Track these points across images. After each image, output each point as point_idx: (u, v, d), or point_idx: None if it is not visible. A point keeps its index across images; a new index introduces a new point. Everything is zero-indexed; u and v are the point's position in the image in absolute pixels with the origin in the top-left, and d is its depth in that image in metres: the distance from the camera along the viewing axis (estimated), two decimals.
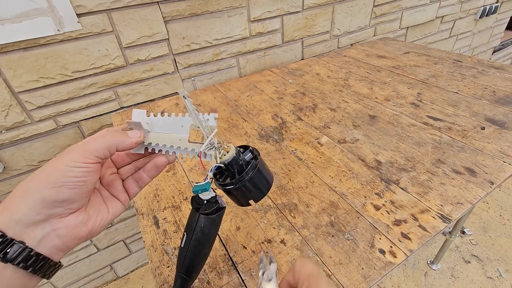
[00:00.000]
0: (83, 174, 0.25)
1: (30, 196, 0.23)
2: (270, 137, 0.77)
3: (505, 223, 1.42)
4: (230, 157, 0.31)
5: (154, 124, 0.32)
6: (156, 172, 0.33)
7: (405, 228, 0.49)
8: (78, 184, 0.25)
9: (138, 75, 0.95)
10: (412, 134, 0.73)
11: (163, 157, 0.32)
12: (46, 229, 0.24)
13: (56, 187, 0.24)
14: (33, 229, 0.23)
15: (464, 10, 1.81)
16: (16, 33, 0.71)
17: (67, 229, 0.25)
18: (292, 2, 1.13)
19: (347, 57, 1.26)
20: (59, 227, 0.25)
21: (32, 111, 0.83)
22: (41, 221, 0.24)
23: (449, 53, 1.21)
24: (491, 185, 0.56)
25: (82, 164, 0.25)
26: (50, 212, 0.24)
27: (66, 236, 0.25)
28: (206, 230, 0.34)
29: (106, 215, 0.29)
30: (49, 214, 0.24)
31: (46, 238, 0.24)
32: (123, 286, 1.32)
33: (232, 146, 0.32)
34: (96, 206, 0.28)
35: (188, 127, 0.31)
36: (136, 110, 0.31)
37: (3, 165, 0.85)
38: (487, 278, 1.21)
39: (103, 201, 0.30)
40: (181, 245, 0.35)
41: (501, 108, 0.80)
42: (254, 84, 1.07)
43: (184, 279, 0.36)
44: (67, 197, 0.24)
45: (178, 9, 0.91)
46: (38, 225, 0.24)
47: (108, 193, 0.31)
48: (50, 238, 0.24)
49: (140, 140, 0.30)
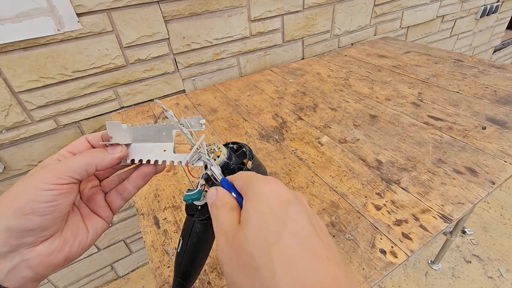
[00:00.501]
0: (54, 198, 0.22)
1: None
2: (271, 137, 0.77)
3: (506, 223, 1.42)
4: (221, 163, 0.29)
5: (134, 134, 0.28)
6: (142, 182, 0.30)
7: (406, 228, 0.49)
8: (49, 209, 0.22)
9: (138, 75, 0.95)
10: (413, 133, 0.73)
11: (150, 166, 0.29)
12: (15, 261, 0.21)
13: (24, 214, 0.21)
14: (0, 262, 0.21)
15: (465, 10, 1.81)
16: (16, 33, 0.71)
17: (39, 258, 0.22)
18: (292, 1, 1.13)
19: (348, 57, 1.26)
20: (29, 257, 0.22)
21: (32, 111, 0.83)
22: (7, 253, 0.21)
23: (450, 52, 1.20)
24: (492, 185, 0.56)
25: (54, 186, 0.22)
26: (19, 242, 0.21)
27: (39, 266, 0.22)
28: (201, 236, 0.32)
29: (86, 236, 0.25)
30: (18, 245, 0.21)
31: (15, 270, 0.21)
32: (124, 286, 1.32)
33: (223, 149, 0.30)
34: (73, 228, 0.25)
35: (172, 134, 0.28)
36: (111, 122, 0.27)
37: (3, 165, 0.85)
38: (488, 278, 1.21)
39: (82, 220, 0.26)
40: (177, 250, 0.35)
41: (502, 108, 0.79)
42: (254, 84, 1.07)
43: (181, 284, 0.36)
44: (38, 224, 0.21)
45: (178, 8, 0.91)
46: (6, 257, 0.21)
47: (88, 210, 0.27)
48: (19, 270, 0.21)
49: (122, 155, 0.27)
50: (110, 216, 0.29)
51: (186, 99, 1.01)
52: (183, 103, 0.98)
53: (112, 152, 0.26)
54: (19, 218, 0.21)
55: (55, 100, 0.85)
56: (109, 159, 0.25)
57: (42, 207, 0.21)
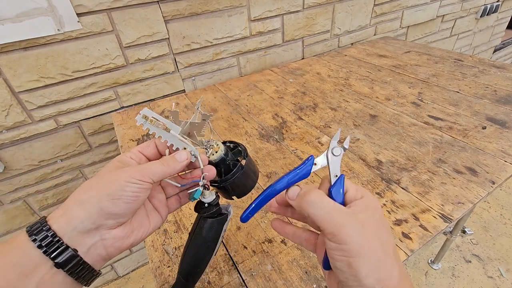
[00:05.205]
0: (138, 190, 0.26)
1: (89, 205, 0.24)
2: (271, 137, 0.77)
3: (506, 223, 1.42)
4: (218, 158, 0.33)
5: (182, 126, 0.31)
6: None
7: (406, 227, 0.49)
8: (132, 199, 0.26)
9: (138, 75, 0.95)
10: (413, 133, 0.73)
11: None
12: (95, 238, 0.25)
13: (114, 199, 0.25)
14: (85, 237, 0.24)
15: (465, 9, 1.81)
16: (16, 32, 0.71)
17: (113, 240, 0.26)
18: (292, 1, 1.13)
19: (348, 57, 1.26)
20: (107, 237, 0.26)
21: (33, 110, 0.83)
22: (93, 230, 0.25)
23: (450, 52, 1.20)
24: (492, 184, 0.56)
25: (138, 181, 0.26)
26: (103, 222, 0.25)
27: (111, 246, 0.26)
28: (204, 233, 0.34)
29: (147, 228, 0.30)
30: (102, 224, 0.25)
31: (93, 247, 0.25)
32: (124, 285, 1.32)
33: (221, 146, 0.33)
34: (139, 220, 0.29)
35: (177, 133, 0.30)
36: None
37: (3, 165, 0.85)
38: (488, 277, 1.21)
39: (146, 214, 0.30)
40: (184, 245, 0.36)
41: (502, 108, 0.79)
42: (254, 84, 1.07)
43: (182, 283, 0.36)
44: (121, 210, 0.26)
45: (178, 8, 0.91)
46: (90, 234, 0.25)
47: (151, 206, 0.31)
48: (97, 247, 0.25)
49: (187, 163, 0.30)
50: (166, 214, 0.33)
51: (186, 99, 1.01)
52: (183, 103, 0.98)
53: (180, 160, 0.29)
54: (110, 202, 0.25)
55: (55, 100, 0.85)
56: (178, 168, 0.29)
57: (127, 196, 0.25)
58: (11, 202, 0.93)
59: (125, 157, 0.29)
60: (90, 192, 0.25)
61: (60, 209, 0.25)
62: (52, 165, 0.94)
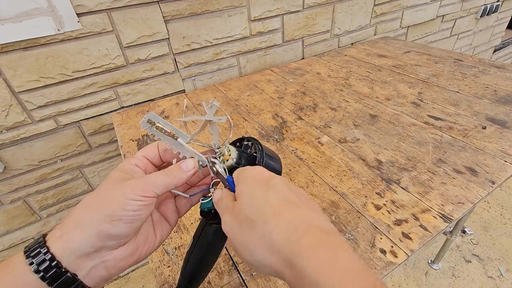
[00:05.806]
0: (139, 208, 0.24)
1: (87, 227, 0.23)
2: (271, 137, 0.77)
3: (506, 223, 1.42)
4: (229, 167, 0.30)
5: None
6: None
7: (406, 227, 0.49)
8: (134, 218, 0.24)
9: (138, 75, 0.95)
10: (413, 133, 0.73)
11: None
12: (95, 261, 0.24)
13: (113, 220, 0.23)
14: (84, 261, 0.23)
15: (465, 9, 1.81)
16: (16, 33, 0.71)
17: (115, 261, 0.25)
18: (292, 1, 1.13)
19: (348, 57, 1.26)
20: (108, 259, 0.24)
21: (33, 110, 0.83)
22: (92, 253, 0.23)
23: (450, 52, 1.20)
24: (492, 184, 0.56)
25: (141, 197, 0.24)
26: (103, 244, 0.24)
27: (113, 267, 0.25)
28: (211, 238, 0.33)
29: (154, 242, 0.28)
30: (102, 247, 0.24)
31: (94, 270, 0.24)
32: (124, 285, 1.32)
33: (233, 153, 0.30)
34: (144, 235, 0.27)
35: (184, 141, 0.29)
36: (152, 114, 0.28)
37: (3, 165, 0.85)
38: (488, 277, 1.21)
39: (153, 226, 0.29)
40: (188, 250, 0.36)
41: (502, 108, 0.79)
42: (254, 84, 1.07)
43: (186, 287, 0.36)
44: (122, 231, 0.24)
45: (178, 8, 0.91)
46: (89, 257, 0.23)
47: (158, 215, 0.30)
48: (97, 269, 0.24)
49: (194, 172, 0.28)
50: (176, 220, 0.31)
51: (186, 99, 1.01)
52: (183, 103, 0.98)
53: (187, 170, 0.28)
54: (108, 223, 0.23)
55: (55, 100, 0.85)
56: (185, 178, 0.27)
57: (128, 215, 0.24)
58: (11, 202, 0.93)
59: (129, 164, 0.27)
60: (88, 213, 0.23)
61: (58, 229, 0.23)
62: (52, 165, 0.94)
